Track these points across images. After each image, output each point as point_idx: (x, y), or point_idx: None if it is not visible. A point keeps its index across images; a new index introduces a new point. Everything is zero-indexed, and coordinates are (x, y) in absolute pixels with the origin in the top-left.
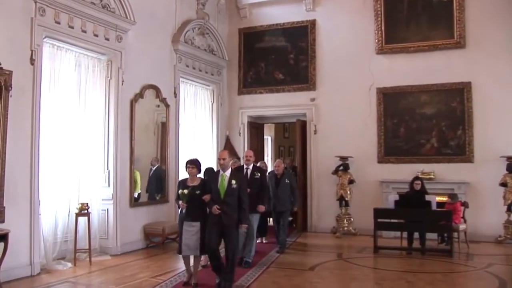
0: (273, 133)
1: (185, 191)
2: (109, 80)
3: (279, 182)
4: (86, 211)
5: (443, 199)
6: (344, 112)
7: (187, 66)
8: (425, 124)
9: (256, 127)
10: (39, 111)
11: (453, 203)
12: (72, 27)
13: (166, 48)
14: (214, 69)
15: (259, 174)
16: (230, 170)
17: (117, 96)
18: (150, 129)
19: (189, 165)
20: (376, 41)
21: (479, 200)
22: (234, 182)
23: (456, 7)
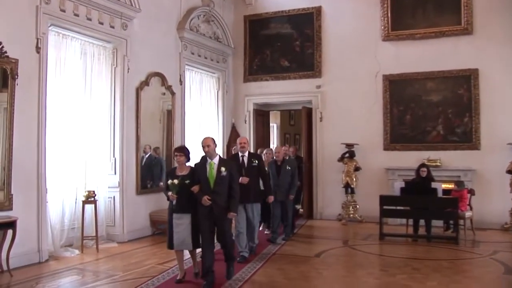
0: (279, 121)
1: (175, 181)
2: (115, 68)
3: (280, 169)
4: (92, 199)
5: (449, 186)
6: (350, 99)
7: (192, 53)
8: (431, 111)
9: (261, 115)
10: (45, 99)
11: (459, 190)
12: (77, 15)
13: (171, 35)
14: (219, 56)
15: (257, 161)
16: (218, 157)
17: (122, 84)
18: (156, 116)
19: (176, 153)
20: (382, 28)
21: (486, 187)
22: (223, 169)
23: None
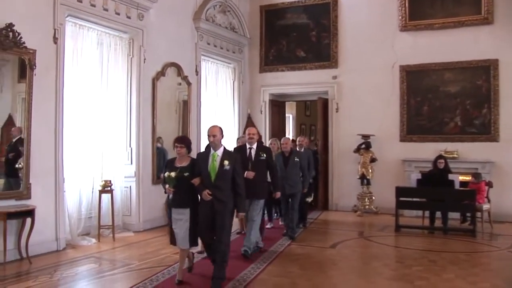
0: (295, 111)
1: (172, 174)
2: (131, 58)
3: (287, 162)
4: (109, 188)
5: (467, 178)
6: (366, 90)
7: (208, 44)
8: (449, 102)
9: (277, 105)
10: (63, 89)
11: (477, 182)
12: (94, 5)
13: (187, 26)
14: (235, 46)
15: (265, 154)
16: (222, 149)
17: (139, 74)
18: (172, 107)
19: (177, 144)
20: (400, 18)
21: (504, 179)
22: (227, 163)
23: None
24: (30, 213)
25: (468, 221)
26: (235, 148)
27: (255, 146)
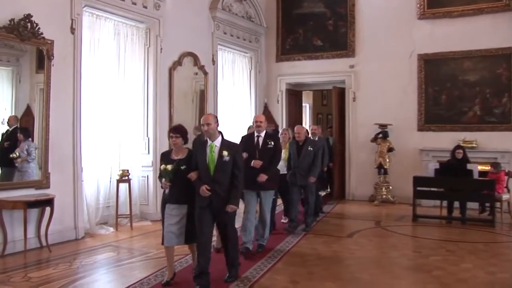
0: (311, 101)
1: (168, 167)
2: (148, 48)
3: (300, 151)
4: (126, 178)
5: (486, 168)
6: (383, 79)
7: (225, 33)
8: (468, 91)
9: (294, 94)
10: (80, 79)
11: (496, 172)
12: None
13: (204, 15)
14: (252, 36)
15: (273, 143)
16: (220, 138)
17: (155, 64)
18: (189, 96)
19: (172, 134)
20: (418, 5)
21: None
22: (226, 154)
23: None
24: (49, 202)
25: (487, 211)
26: (243, 137)
27: (263, 134)
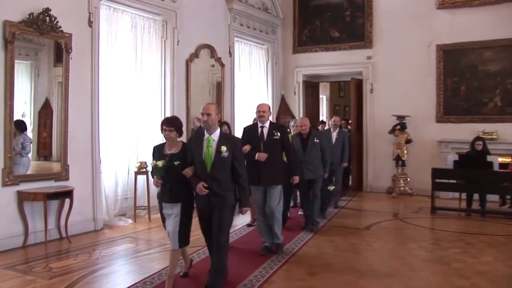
0: (328, 92)
1: (160, 163)
2: (165, 41)
3: (306, 144)
4: (144, 170)
5: (507, 160)
6: (401, 70)
7: (241, 25)
8: (488, 82)
9: (311, 86)
10: (98, 72)
11: None
12: None
13: (220, 7)
14: (268, 27)
15: (279, 133)
16: (218, 131)
17: (172, 56)
18: (206, 89)
19: (165, 127)
20: None
21: None
22: (224, 149)
23: None
24: (68, 194)
25: (507, 203)
26: (245, 128)
27: (267, 124)
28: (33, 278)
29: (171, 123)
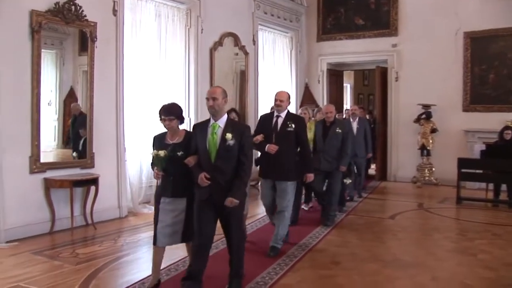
0: (353, 81)
1: (161, 153)
2: (189, 29)
3: (327, 133)
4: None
5: None
6: (427, 58)
7: (265, 13)
8: None
9: (335, 75)
10: (123, 61)
11: None
12: None
13: None
14: (292, 15)
15: (294, 125)
16: (225, 118)
17: (196, 45)
18: (229, 77)
19: (164, 117)
20: None
21: None
22: (230, 136)
23: None
24: (94, 181)
25: None
26: (261, 116)
27: (283, 114)
28: (60, 263)
29: (170, 112)
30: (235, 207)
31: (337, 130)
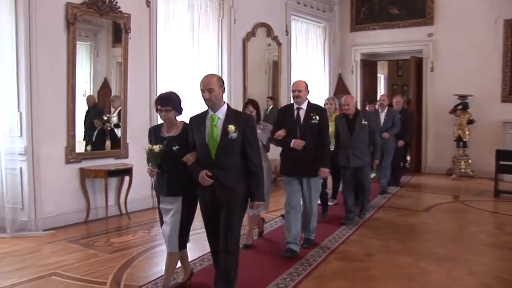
0: (386, 71)
1: (156, 148)
2: (222, 20)
3: (353, 126)
4: None
5: None
6: (464, 47)
7: (298, 3)
8: None
9: (369, 65)
10: (156, 52)
11: None
12: None
13: None
14: (325, 5)
15: (318, 117)
16: (225, 108)
17: (229, 35)
18: (262, 68)
19: (160, 107)
20: None
21: None
22: (232, 128)
23: None
24: (128, 171)
25: None
26: (280, 109)
27: (304, 105)
28: (96, 252)
29: (167, 102)
30: (235, 213)
31: (363, 123)
